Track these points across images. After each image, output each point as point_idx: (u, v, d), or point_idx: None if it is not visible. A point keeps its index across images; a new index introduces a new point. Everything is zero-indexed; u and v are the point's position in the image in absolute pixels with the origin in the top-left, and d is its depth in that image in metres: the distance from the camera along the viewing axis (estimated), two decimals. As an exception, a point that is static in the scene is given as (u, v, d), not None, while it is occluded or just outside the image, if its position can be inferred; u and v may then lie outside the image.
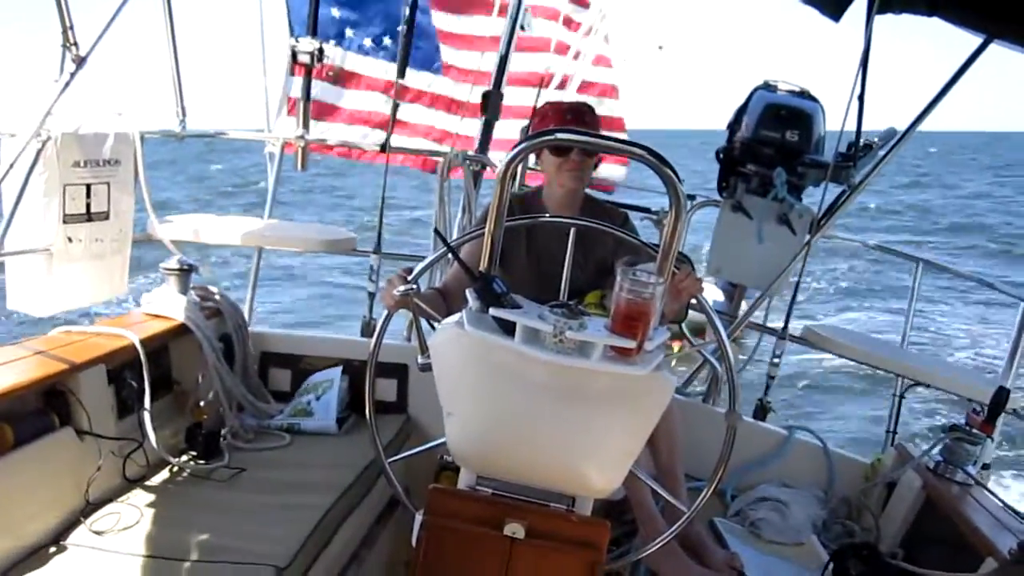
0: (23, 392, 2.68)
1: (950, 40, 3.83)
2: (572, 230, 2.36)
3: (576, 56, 6.56)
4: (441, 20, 6.29)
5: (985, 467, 3.88)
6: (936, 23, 3.67)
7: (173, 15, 4.13)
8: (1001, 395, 3.43)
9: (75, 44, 3.13)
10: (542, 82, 5.89)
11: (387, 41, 6.00)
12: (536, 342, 1.87)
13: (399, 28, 5.02)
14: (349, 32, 5.99)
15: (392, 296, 2.26)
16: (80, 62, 3.15)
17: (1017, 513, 3.21)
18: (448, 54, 6.31)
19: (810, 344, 4.36)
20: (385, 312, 2.40)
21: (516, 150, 1.95)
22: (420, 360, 2.17)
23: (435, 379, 2.04)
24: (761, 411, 4.25)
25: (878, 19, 3.79)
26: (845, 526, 3.66)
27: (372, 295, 4.48)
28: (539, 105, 4.49)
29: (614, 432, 1.94)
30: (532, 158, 3.70)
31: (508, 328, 1.90)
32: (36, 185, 3.12)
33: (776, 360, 4.31)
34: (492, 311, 1.91)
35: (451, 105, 6.25)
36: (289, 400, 3.97)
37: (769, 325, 4.46)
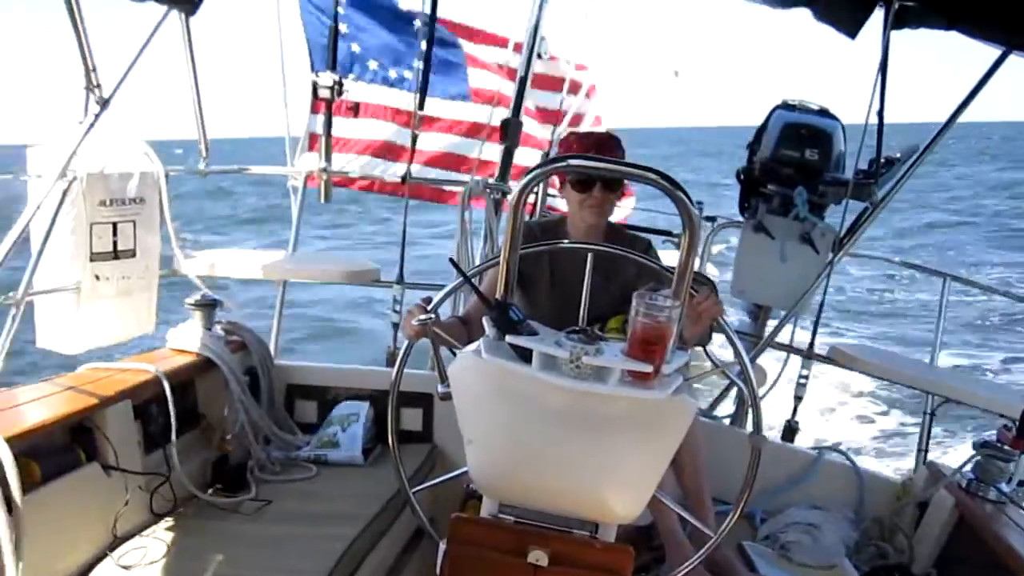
0: (50, 428, 2.71)
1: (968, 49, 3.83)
2: (590, 256, 2.37)
3: (576, 120, 6.64)
4: (468, 47, 6.36)
5: (1021, 484, 3.83)
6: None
7: (195, 54, 4.18)
8: None
9: (98, 86, 3.18)
10: (558, 119, 5.94)
11: (408, 74, 6.06)
12: (553, 368, 1.87)
13: (417, 60, 5.06)
14: (373, 64, 6.04)
15: (412, 326, 2.28)
16: (104, 103, 3.20)
17: None
18: (475, 77, 6.36)
19: (837, 363, 4.32)
20: (407, 342, 2.42)
21: (529, 177, 1.96)
22: (440, 389, 2.18)
23: (455, 407, 2.04)
24: (789, 432, 4.21)
25: (900, 33, 3.79)
26: (878, 547, 3.62)
27: (396, 325, 4.49)
28: (557, 136, 4.51)
29: (634, 457, 1.93)
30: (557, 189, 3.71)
31: (526, 355, 1.90)
32: (63, 224, 3.17)
33: (803, 380, 4.28)
34: (509, 338, 1.92)
35: (471, 130, 6.30)
36: (315, 431, 3.98)
37: (795, 345, 4.44)
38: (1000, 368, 13.45)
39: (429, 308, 2.30)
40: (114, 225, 3.37)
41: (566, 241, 3.02)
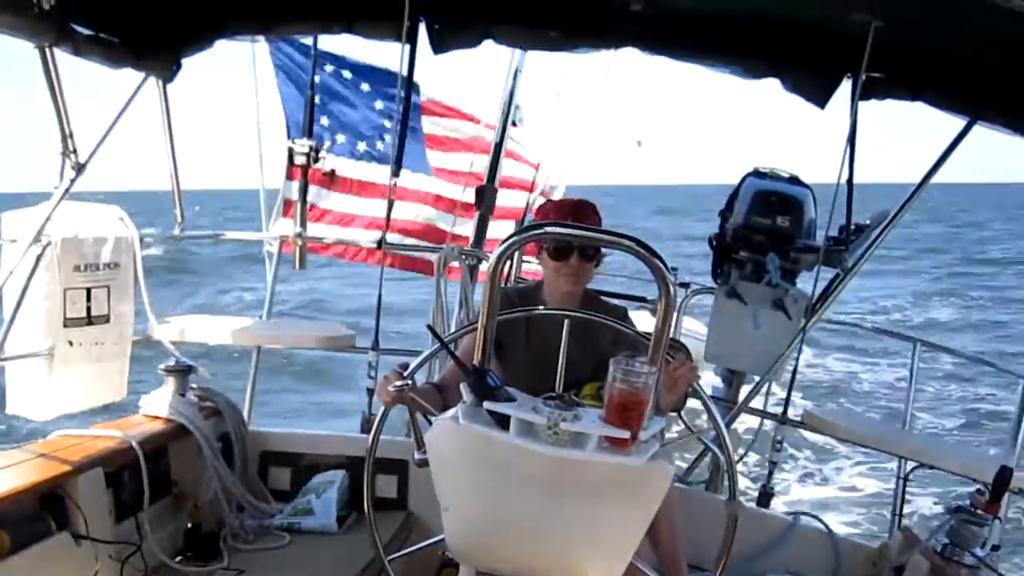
0: (19, 497, 2.67)
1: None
2: (566, 322, 2.38)
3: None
4: (428, 125, 6.44)
5: (995, 548, 3.83)
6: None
7: (171, 120, 4.21)
8: (1004, 475, 3.39)
9: (75, 151, 3.20)
10: (531, 188, 6.00)
11: (379, 145, 6.14)
12: (531, 435, 1.87)
13: (393, 129, 5.12)
14: (340, 138, 6.12)
15: (388, 392, 2.28)
16: (80, 169, 3.22)
17: None
18: (436, 158, 6.44)
19: (811, 428, 4.34)
20: (383, 408, 2.41)
21: (506, 244, 1.98)
22: (417, 455, 2.18)
23: (432, 474, 2.03)
24: (765, 498, 4.21)
25: (868, 103, 3.86)
26: (855, 614, 3.61)
27: (371, 391, 4.48)
28: (531, 203, 4.56)
29: (612, 524, 1.93)
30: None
31: (503, 421, 1.90)
32: (37, 289, 3.16)
33: (777, 446, 4.29)
34: (486, 404, 1.92)
35: (445, 204, 6.37)
36: (290, 498, 3.94)
37: (769, 410, 4.45)
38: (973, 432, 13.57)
39: (405, 374, 2.30)
40: (88, 291, 3.37)
41: (543, 307, 3.03)
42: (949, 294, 29.15)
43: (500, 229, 5.68)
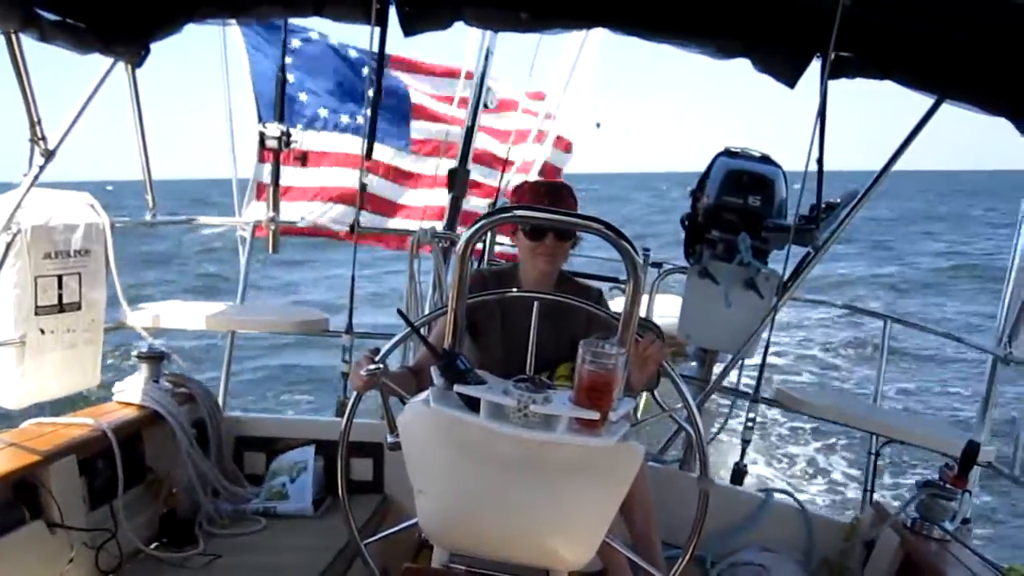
0: None
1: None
2: (536, 304, 2.40)
3: (539, 138, 6.70)
4: (416, 95, 6.42)
5: (965, 521, 3.88)
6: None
7: (141, 105, 4.17)
8: (972, 449, 3.44)
9: (43, 138, 3.17)
10: (505, 166, 5.98)
11: (360, 119, 6.10)
12: (501, 417, 1.88)
13: (364, 109, 5.09)
14: (323, 112, 6.08)
15: (360, 377, 2.29)
16: (49, 155, 3.20)
17: (995, 566, 3.21)
18: (417, 128, 6.42)
19: (783, 406, 4.38)
20: (355, 393, 2.42)
21: (475, 227, 1.98)
22: (389, 439, 2.19)
23: (404, 457, 2.05)
24: (738, 475, 4.24)
25: (837, 82, 3.88)
26: (827, 588, 3.65)
27: (345, 375, 4.48)
28: (504, 184, 4.54)
29: (583, 504, 1.95)
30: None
31: (474, 404, 1.92)
32: (7, 278, 3.14)
33: (750, 424, 4.32)
34: (457, 388, 1.93)
35: (418, 179, 6.36)
36: (264, 482, 3.94)
37: (741, 388, 4.49)
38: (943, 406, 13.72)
39: (377, 358, 2.31)
40: (59, 278, 3.34)
41: (515, 290, 3.03)
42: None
43: (474, 205, 5.69)
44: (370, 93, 4.80)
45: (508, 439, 1.86)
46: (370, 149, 4.57)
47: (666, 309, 4.83)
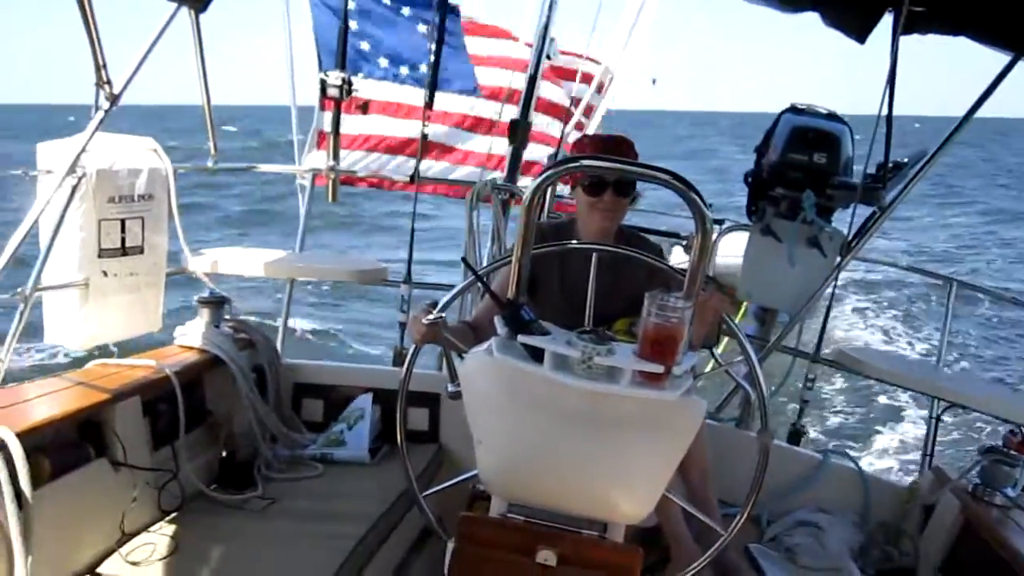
0: (59, 424, 2.72)
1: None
2: (594, 256, 2.38)
3: (588, 111, 6.61)
4: (473, 44, 6.36)
5: (1027, 490, 3.83)
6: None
7: (204, 51, 4.18)
8: None
9: (108, 82, 3.18)
10: (566, 115, 5.91)
11: (423, 68, 6.06)
12: (565, 368, 1.87)
13: (428, 57, 5.05)
14: (383, 62, 6.05)
15: (419, 329, 2.29)
16: (114, 100, 3.21)
17: None
18: (481, 74, 6.37)
19: (843, 367, 4.32)
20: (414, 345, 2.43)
21: (541, 177, 1.96)
22: (450, 388, 2.19)
23: (465, 407, 2.04)
24: (795, 436, 4.21)
25: (910, 39, 3.78)
26: (883, 551, 3.62)
27: (403, 325, 4.49)
28: (565, 131, 4.49)
29: (644, 457, 1.93)
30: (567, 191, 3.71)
31: (537, 355, 1.90)
32: (72, 221, 3.17)
33: (809, 384, 4.27)
34: (520, 338, 1.92)
35: (481, 125, 6.31)
36: (322, 430, 3.98)
37: (802, 348, 4.44)
38: (1006, 372, 13.47)
39: (438, 308, 2.31)
40: (122, 222, 3.37)
41: (575, 242, 3.01)
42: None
43: (535, 153, 5.64)
44: (432, 46, 4.78)
45: (571, 390, 1.85)
46: (431, 97, 4.56)
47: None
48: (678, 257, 5.64)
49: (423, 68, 5.85)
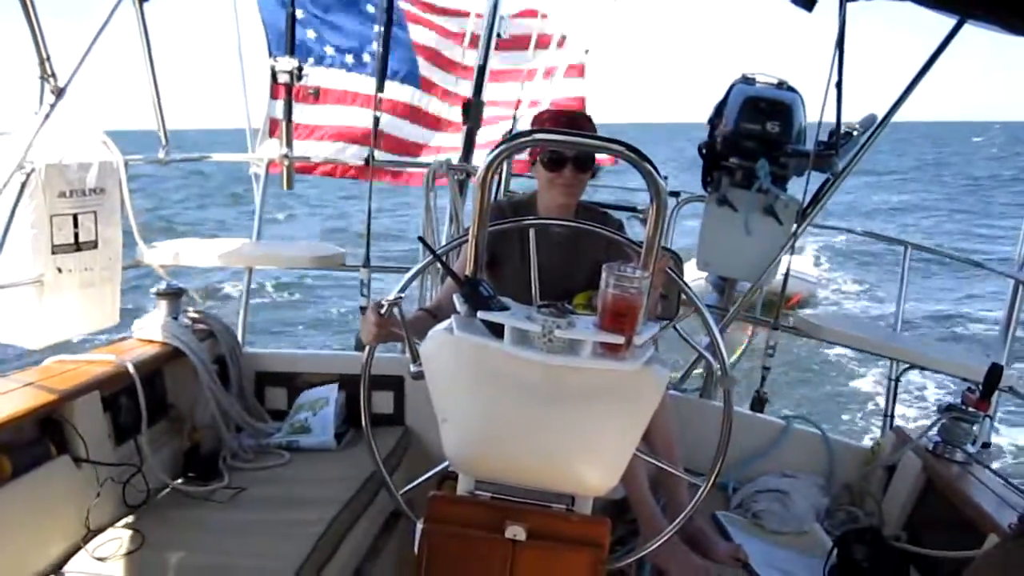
0: (19, 422, 2.69)
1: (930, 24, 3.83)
2: (533, 232, 2.38)
3: (548, 74, 6.58)
4: (417, 33, 6.32)
5: (985, 445, 3.88)
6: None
7: (150, 41, 4.13)
8: (994, 372, 3.43)
9: (53, 75, 3.13)
10: (518, 102, 5.88)
11: (367, 57, 6.03)
12: (525, 343, 1.87)
13: (376, 44, 5.02)
14: (329, 50, 6.00)
15: (368, 330, 2.29)
16: (59, 93, 3.16)
17: (1018, 489, 3.22)
18: (425, 68, 6.34)
19: (803, 333, 4.36)
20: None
21: (494, 153, 1.95)
22: (413, 368, 2.18)
23: (428, 386, 2.04)
24: (758, 403, 4.25)
25: (856, 6, 3.80)
26: (848, 512, 3.67)
27: (363, 309, 4.47)
28: (519, 108, 4.48)
29: (609, 429, 1.94)
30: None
31: (497, 331, 1.90)
32: (23, 217, 3.12)
33: (770, 351, 4.31)
34: (480, 314, 1.92)
35: (432, 120, 6.29)
36: (287, 418, 3.97)
37: (761, 316, 4.48)
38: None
39: (396, 290, 2.30)
40: (75, 216, 3.32)
41: (533, 218, 3.01)
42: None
43: (490, 133, 5.62)
44: (380, 28, 4.75)
45: (533, 365, 1.85)
46: (381, 83, 4.53)
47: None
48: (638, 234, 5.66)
49: (366, 58, 5.83)
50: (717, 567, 3.02)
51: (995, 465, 3.58)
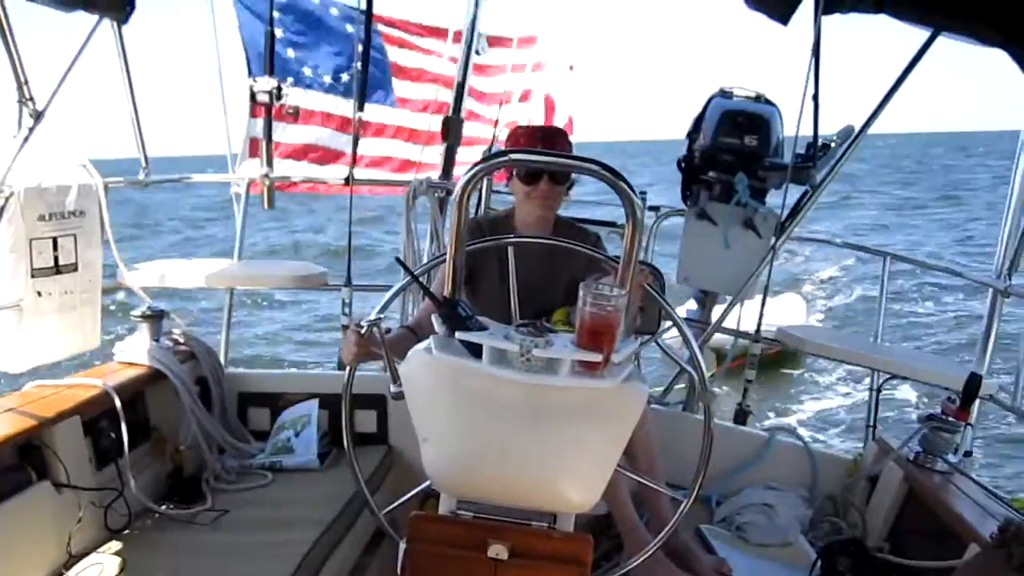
0: None
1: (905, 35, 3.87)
2: (510, 249, 2.40)
3: (524, 98, 6.62)
4: (394, 54, 6.33)
5: (967, 454, 3.91)
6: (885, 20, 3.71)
7: (129, 63, 4.12)
8: (974, 381, 3.46)
9: (31, 99, 3.14)
10: (496, 123, 5.91)
11: (344, 77, 6.03)
12: (504, 362, 1.88)
13: (355, 64, 5.03)
14: (307, 71, 6.01)
15: (348, 350, 2.30)
16: (38, 116, 3.17)
17: (999, 497, 3.24)
18: (401, 88, 6.35)
19: (784, 346, 4.38)
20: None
21: (470, 173, 1.96)
22: (393, 389, 2.18)
23: (408, 406, 2.04)
24: (741, 416, 4.27)
25: (830, 19, 3.84)
26: (832, 523, 3.68)
27: (346, 327, 4.47)
28: (499, 134, 4.50)
29: (588, 446, 1.94)
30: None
31: (476, 351, 1.91)
32: (2, 241, 3.12)
33: (751, 364, 4.33)
34: (458, 334, 1.93)
35: (410, 135, 6.29)
36: (269, 437, 3.95)
37: (742, 329, 4.50)
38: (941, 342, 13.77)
39: (375, 311, 2.31)
40: (54, 240, 3.32)
41: (512, 236, 3.01)
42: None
43: (470, 155, 5.65)
44: (359, 48, 4.77)
45: (512, 384, 1.86)
46: (361, 101, 4.54)
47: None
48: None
49: (344, 77, 5.84)
50: None
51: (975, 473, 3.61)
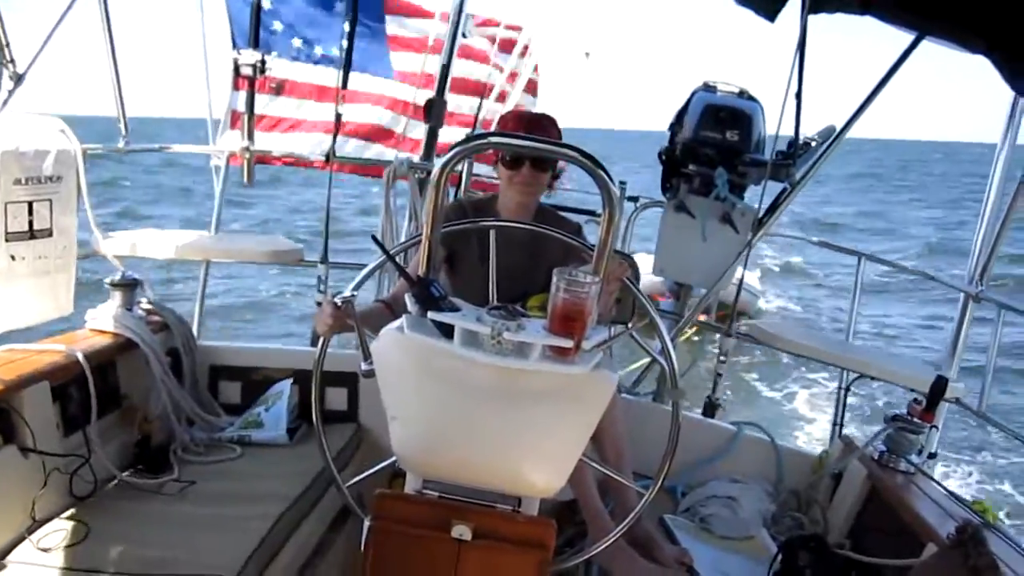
0: None
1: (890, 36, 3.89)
2: (493, 233, 2.40)
3: (511, 78, 6.61)
4: (392, 26, 6.31)
5: (931, 456, 3.95)
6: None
7: (113, 31, 4.10)
8: (939, 384, 3.49)
9: (12, 61, 3.11)
10: (483, 91, 5.91)
11: (335, 50, 6.00)
12: (475, 344, 1.89)
13: (342, 39, 5.01)
14: (297, 43, 5.98)
15: (323, 322, 2.30)
16: (18, 79, 3.14)
17: (959, 499, 3.28)
18: (399, 60, 6.33)
19: (756, 341, 4.41)
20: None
21: (450, 154, 1.97)
22: (363, 366, 2.19)
23: (378, 384, 2.05)
24: (710, 408, 4.29)
25: (818, 19, 3.85)
26: (794, 519, 3.71)
27: (320, 304, 4.46)
28: (481, 114, 4.49)
29: (556, 431, 1.96)
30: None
31: (448, 331, 1.92)
32: (-25, 204, 3.09)
33: (723, 358, 4.36)
34: (430, 315, 1.93)
35: (396, 105, 6.28)
36: (240, 412, 3.95)
37: (715, 323, 4.52)
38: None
39: (349, 289, 2.31)
40: (30, 204, 3.29)
41: (491, 219, 3.02)
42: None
43: (453, 135, 5.64)
44: (346, 26, 4.75)
45: (481, 366, 1.87)
46: (346, 78, 4.52)
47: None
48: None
49: (335, 51, 5.82)
50: (662, 570, 3.04)
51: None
